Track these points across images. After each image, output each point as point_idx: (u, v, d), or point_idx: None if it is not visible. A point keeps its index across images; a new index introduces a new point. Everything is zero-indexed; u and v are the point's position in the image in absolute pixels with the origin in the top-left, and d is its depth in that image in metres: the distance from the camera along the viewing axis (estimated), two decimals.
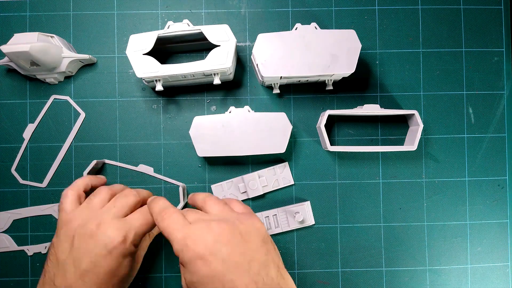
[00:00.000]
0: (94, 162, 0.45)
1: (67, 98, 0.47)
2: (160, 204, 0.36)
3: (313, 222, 0.47)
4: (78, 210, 0.37)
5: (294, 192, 0.48)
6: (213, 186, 0.47)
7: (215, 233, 0.32)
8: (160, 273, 0.47)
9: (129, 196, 0.38)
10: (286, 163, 0.47)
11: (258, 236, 0.33)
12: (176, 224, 0.33)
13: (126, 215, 0.38)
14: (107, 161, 0.47)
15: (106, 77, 0.47)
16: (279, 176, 0.47)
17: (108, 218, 0.36)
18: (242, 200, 0.47)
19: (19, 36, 0.42)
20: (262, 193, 0.46)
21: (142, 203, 0.40)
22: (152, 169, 0.47)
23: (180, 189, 0.45)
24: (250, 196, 0.46)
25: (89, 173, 0.45)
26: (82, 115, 0.47)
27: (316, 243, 0.47)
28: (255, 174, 0.47)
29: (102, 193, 0.39)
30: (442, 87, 0.48)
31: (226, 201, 0.38)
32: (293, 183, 0.47)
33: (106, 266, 0.35)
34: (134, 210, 0.39)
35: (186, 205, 0.47)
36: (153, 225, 0.38)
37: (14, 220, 0.46)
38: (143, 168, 0.46)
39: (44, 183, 0.47)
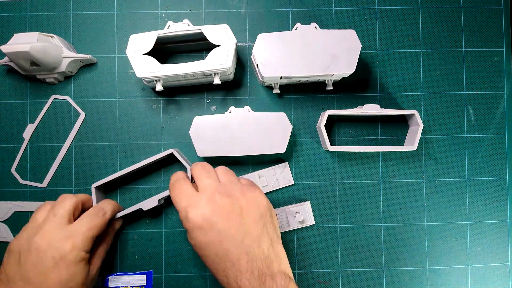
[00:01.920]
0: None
1: (67, 98, 0.47)
2: (177, 175, 0.39)
3: (313, 222, 0.47)
4: (24, 229, 0.38)
5: (294, 192, 0.48)
6: None
7: (216, 205, 0.35)
8: (160, 273, 0.47)
9: (65, 200, 0.38)
10: (286, 163, 0.47)
11: (257, 210, 0.35)
12: (183, 195, 0.36)
13: (71, 221, 0.38)
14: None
15: (106, 77, 0.47)
16: (279, 176, 0.47)
17: (52, 229, 0.36)
18: None
19: (19, 36, 0.42)
20: None
21: (84, 204, 0.41)
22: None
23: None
24: None
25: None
26: (82, 115, 0.47)
27: (316, 243, 0.47)
28: (255, 174, 0.47)
29: (44, 208, 0.39)
30: (442, 87, 0.48)
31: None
32: (293, 183, 0.47)
33: (56, 278, 0.34)
34: (77, 213, 0.39)
35: None
36: (101, 228, 0.39)
37: (15, 211, 0.46)
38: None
39: (44, 183, 0.47)
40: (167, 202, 0.47)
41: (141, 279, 0.45)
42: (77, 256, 0.35)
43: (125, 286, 0.45)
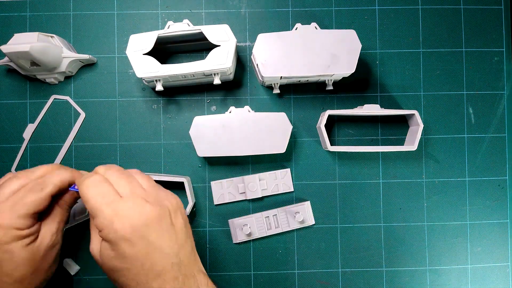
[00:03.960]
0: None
1: (67, 98, 0.47)
2: (99, 169, 0.33)
3: (313, 222, 0.47)
4: None
5: (294, 192, 0.48)
6: (212, 183, 0.47)
7: (146, 215, 0.31)
8: None
9: (12, 182, 0.34)
10: (288, 170, 0.47)
11: (181, 215, 0.33)
12: (106, 198, 0.31)
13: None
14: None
15: (106, 77, 0.47)
16: (280, 182, 0.47)
17: None
18: (239, 201, 0.47)
19: (19, 36, 0.42)
20: (260, 196, 0.46)
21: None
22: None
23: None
24: (249, 198, 0.46)
25: None
26: (82, 115, 0.47)
27: (316, 243, 0.47)
28: (256, 176, 0.47)
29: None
30: (442, 87, 0.48)
31: (130, 172, 0.35)
32: (292, 190, 0.47)
33: None
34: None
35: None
36: (37, 203, 0.33)
37: None
38: None
39: None
40: None
41: None
42: (6, 235, 0.32)
43: None
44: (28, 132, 0.47)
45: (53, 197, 0.35)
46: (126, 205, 0.31)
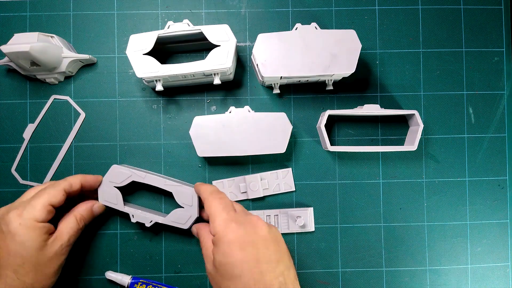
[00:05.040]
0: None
1: (67, 98, 0.47)
2: (213, 187, 0.40)
3: (313, 229, 0.47)
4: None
5: (294, 193, 0.48)
6: (214, 182, 0.47)
7: (258, 226, 0.35)
8: (160, 273, 0.47)
9: (39, 198, 0.38)
10: (290, 169, 0.47)
11: (285, 245, 0.37)
12: (226, 207, 0.36)
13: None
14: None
15: (106, 77, 0.47)
16: (281, 181, 0.47)
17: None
18: (240, 200, 0.47)
19: (19, 36, 0.42)
20: (262, 195, 0.46)
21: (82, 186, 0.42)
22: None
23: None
24: (250, 197, 0.46)
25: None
26: (82, 115, 0.47)
27: (316, 243, 0.47)
28: (257, 176, 0.47)
29: (33, 190, 0.40)
30: (442, 87, 0.48)
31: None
32: (294, 189, 0.47)
33: (5, 248, 0.36)
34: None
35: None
36: (55, 197, 0.38)
37: (133, 181, 0.43)
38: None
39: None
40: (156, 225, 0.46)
41: None
42: (22, 224, 0.36)
43: None
44: (28, 132, 0.47)
45: (70, 204, 0.41)
46: (240, 215, 0.36)
